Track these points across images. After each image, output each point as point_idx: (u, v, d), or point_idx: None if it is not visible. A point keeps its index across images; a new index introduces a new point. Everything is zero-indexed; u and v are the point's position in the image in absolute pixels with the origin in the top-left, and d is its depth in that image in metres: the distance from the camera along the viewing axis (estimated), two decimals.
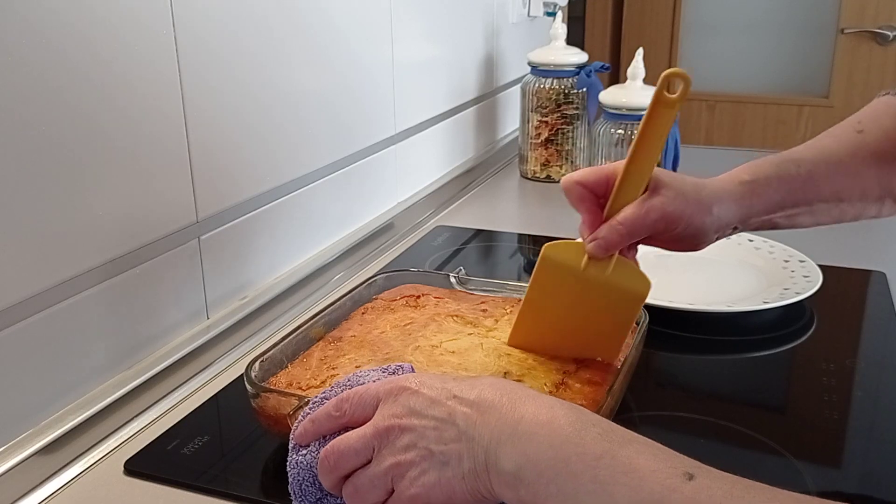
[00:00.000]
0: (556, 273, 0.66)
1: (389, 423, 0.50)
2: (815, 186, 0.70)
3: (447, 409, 0.49)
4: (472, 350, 0.69)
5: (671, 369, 0.85)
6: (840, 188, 0.71)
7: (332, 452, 0.51)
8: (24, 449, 0.64)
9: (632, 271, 0.65)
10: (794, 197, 0.69)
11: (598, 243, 0.63)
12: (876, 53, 2.41)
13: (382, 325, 0.74)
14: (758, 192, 0.68)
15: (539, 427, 0.46)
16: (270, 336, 0.88)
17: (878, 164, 0.71)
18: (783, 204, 0.69)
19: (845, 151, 0.71)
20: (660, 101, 0.60)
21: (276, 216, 0.95)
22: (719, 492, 0.40)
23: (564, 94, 1.40)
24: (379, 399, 0.52)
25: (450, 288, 0.83)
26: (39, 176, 0.64)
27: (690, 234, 0.66)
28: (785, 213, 0.70)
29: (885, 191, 0.72)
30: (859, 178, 0.71)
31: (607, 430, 0.45)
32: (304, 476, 0.53)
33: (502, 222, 1.26)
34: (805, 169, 0.69)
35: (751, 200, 0.68)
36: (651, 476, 0.42)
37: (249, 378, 0.63)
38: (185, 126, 0.79)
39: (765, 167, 0.69)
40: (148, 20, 0.73)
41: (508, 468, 0.45)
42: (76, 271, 0.68)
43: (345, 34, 1.04)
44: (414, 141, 1.27)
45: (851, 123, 0.73)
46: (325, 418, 0.53)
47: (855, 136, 0.72)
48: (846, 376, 0.79)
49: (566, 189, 0.65)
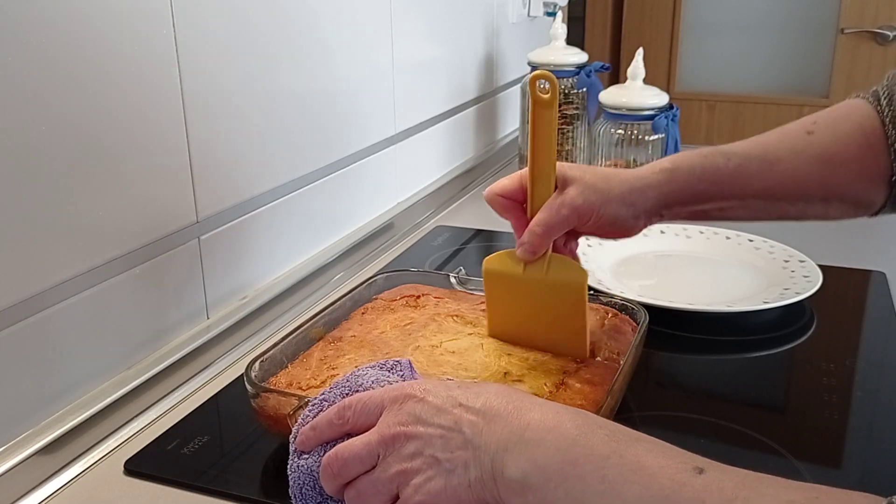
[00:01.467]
0: (500, 282, 0.70)
1: (395, 431, 0.49)
2: (745, 181, 0.70)
3: (453, 417, 0.49)
4: (472, 350, 0.69)
5: (671, 369, 0.85)
6: (773, 185, 0.70)
7: (336, 459, 0.51)
8: (24, 449, 0.64)
9: (567, 265, 0.68)
10: (720, 189, 0.70)
11: (524, 248, 0.68)
12: (876, 53, 2.41)
13: (382, 326, 0.74)
14: (677, 180, 0.70)
15: (546, 432, 0.46)
16: (270, 336, 0.88)
17: (822, 166, 0.70)
18: (709, 195, 0.70)
19: (786, 150, 0.71)
20: (536, 102, 0.64)
21: (276, 216, 0.95)
22: (730, 484, 0.40)
23: (564, 94, 1.40)
24: (383, 406, 0.51)
25: (450, 288, 0.83)
26: (38, 176, 0.64)
27: (608, 223, 0.69)
28: (715, 205, 0.71)
29: (830, 192, 0.71)
30: (797, 177, 0.70)
31: (614, 432, 0.45)
32: (305, 480, 0.53)
33: (502, 222, 1.24)
34: (734, 163, 0.70)
35: (669, 188, 0.70)
36: (660, 472, 0.42)
37: (249, 378, 0.63)
38: (185, 126, 0.79)
39: (690, 157, 0.71)
40: (148, 20, 0.73)
41: (516, 475, 0.45)
42: (76, 271, 0.68)
43: (345, 34, 1.04)
44: (414, 141, 1.27)
45: (804, 123, 0.72)
46: (327, 426, 0.53)
47: (802, 137, 0.71)
48: (846, 376, 0.79)
49: (489, 201, 0.71)
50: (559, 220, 0.67)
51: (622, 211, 0.69)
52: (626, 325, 0.75)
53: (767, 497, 0.39)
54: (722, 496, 0.40)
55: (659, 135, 1.24)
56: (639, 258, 1.06)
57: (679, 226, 1.12)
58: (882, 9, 2.38)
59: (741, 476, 0.41)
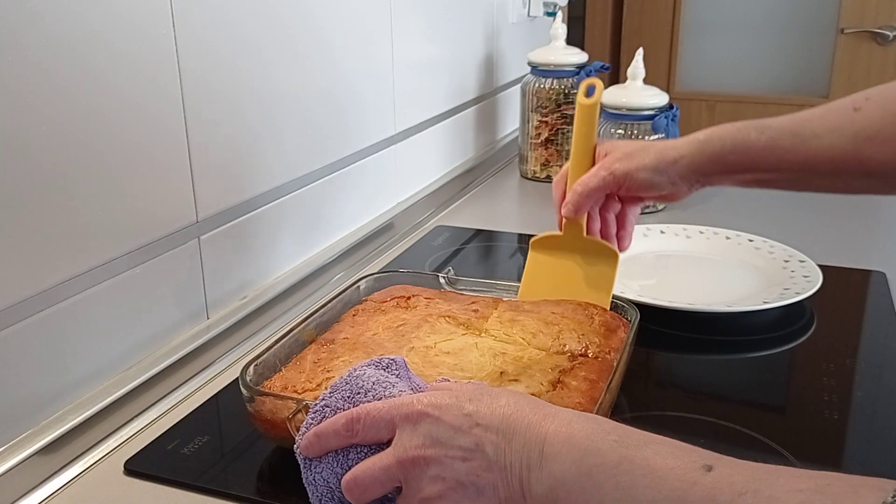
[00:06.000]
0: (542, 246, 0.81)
1: (414, 455, 0.49)
2: (777, 156, 0.71)
3: (473, 439, 0.48)
4: (466, 350, 0.69)
5: (671, 369, 0.85)
6: (806, 161, 0.70)
7: (357, 485, 0.51)
8: (24, 449, 0.64)
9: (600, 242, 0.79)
10: (752, 162, 0.72)
11: (567, 206, 0.77)
12: (876, 53, 2.41)
13: (374, 327, 0.74)
14: (706, 151, 0.74)
15: (560, 445, 0.46)
16: (270, 336, 0.88)
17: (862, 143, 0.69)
18: (743, 167, 0.73)
19: (825, 127, 0.70)
20: (581, 104, 0.78)
21: (276, 216, 0.95)
22: (740, 479, 0.40)
23: (564, 94, 1.40)
24: (393, 423, 0.51)
25: (439, 288, 0.83)
26: (38, 176, 0.64)
27: (645, 187, 0.75)
28: (753, 177, 0.73)
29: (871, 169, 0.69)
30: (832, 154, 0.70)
31: (623, 437, 0.45)
32: (323, 492, 0.54)
33: (502, 222, 1.26)
34: (766, 136, 0.72)
35: (700, 158, 0.74)
36: (670, 474, 0.42)
37: (245, 382, 0.63)
38: (185, 126, 0.79)
39: (725, 129, 0.74)
40: (148, 21, 0.73)
41: (542, 492, 0.46)
42: (76, 271, 0.68)
43: (345, 34, 1.04)
44: (414, 141, 1.27)
45: (855, 99, 0.71)
46: (333, 435, 0.52)
47: (847, 113, 0.70)
48: (846, 376, 0.79)
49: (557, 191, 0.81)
50: (597, 181, 0.75)
51: (655, 177, 0.75)
52: (617, 321, 0.75)
53: (778, 488, 0.39)
54: (732, 491, 0.40)
55: (659, 135, 1.24)
56: (639, 258, 1.06)
57: (679, 226, 1.12)
58: (882, 9, 2.38)
59: (751, 469, 0.41)
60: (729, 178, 0.75)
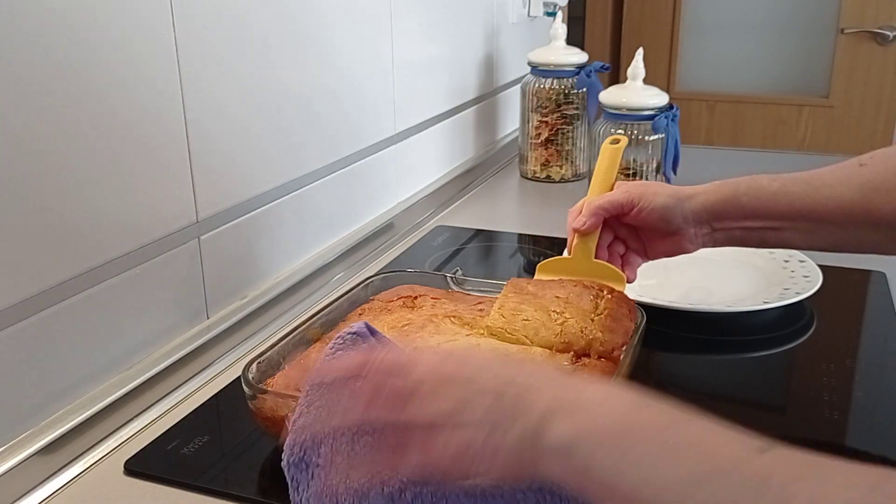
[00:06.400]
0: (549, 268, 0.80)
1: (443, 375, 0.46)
2: (788, 200, 0.73)
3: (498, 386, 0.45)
4: None
5: (671, 369, 0.85)
6: (816, 207, 0.72)
7: None
8: (24, 449, 0.64)
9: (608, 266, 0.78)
10: (764, 206, 0.74)
11: (580, 220, 0.77)
12: (876, 53, 2.41)
13: (380, 327, 0.73)
14: (722, 191, 0.75)
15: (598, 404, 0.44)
16: (270, 336, 0.88)
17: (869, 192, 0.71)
18: (755, 212, 0.74)
19: (833, 177, 0.73)
20: (606, 147, 0.85)
21: (276, 216, 0.95)
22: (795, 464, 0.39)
23: (564, 94, 1.40)
24: None
25: (446, 288, 0.83)
26: (38, 176, 0.64)
27: (657, 217, 0.76)
28: (764, 224, 0.74)
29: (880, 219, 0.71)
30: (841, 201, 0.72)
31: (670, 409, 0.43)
32: None
33: (502, 222, 1.25)
34: (778, 183, 0.74)
35: (715, 196, 0.75)
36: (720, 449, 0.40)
37: (247, 380, 0.63)
38: (185, 126, 0.79)
39: (741, 178, 0.76)
40: (148, 20, 0.73)
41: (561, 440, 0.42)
42: (77, 271, 0.68)
43: (345, 34, 1.04)
44: (414, 141, 1.27)
45: (860, 157, 0.74)
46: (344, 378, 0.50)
47: (854, 168, 0.73)
48: (846, 376, 0.79)
49: None
50: (612, 198, 0.77)
51: (669, 204, 0.75)
52: (623, 307, 0.73)
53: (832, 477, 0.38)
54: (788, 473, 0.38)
55: (659, 135, 1.24)
56: None
57: None
58: (882, 9, 2.38)
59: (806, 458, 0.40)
60: (739, 226, 0.75)
